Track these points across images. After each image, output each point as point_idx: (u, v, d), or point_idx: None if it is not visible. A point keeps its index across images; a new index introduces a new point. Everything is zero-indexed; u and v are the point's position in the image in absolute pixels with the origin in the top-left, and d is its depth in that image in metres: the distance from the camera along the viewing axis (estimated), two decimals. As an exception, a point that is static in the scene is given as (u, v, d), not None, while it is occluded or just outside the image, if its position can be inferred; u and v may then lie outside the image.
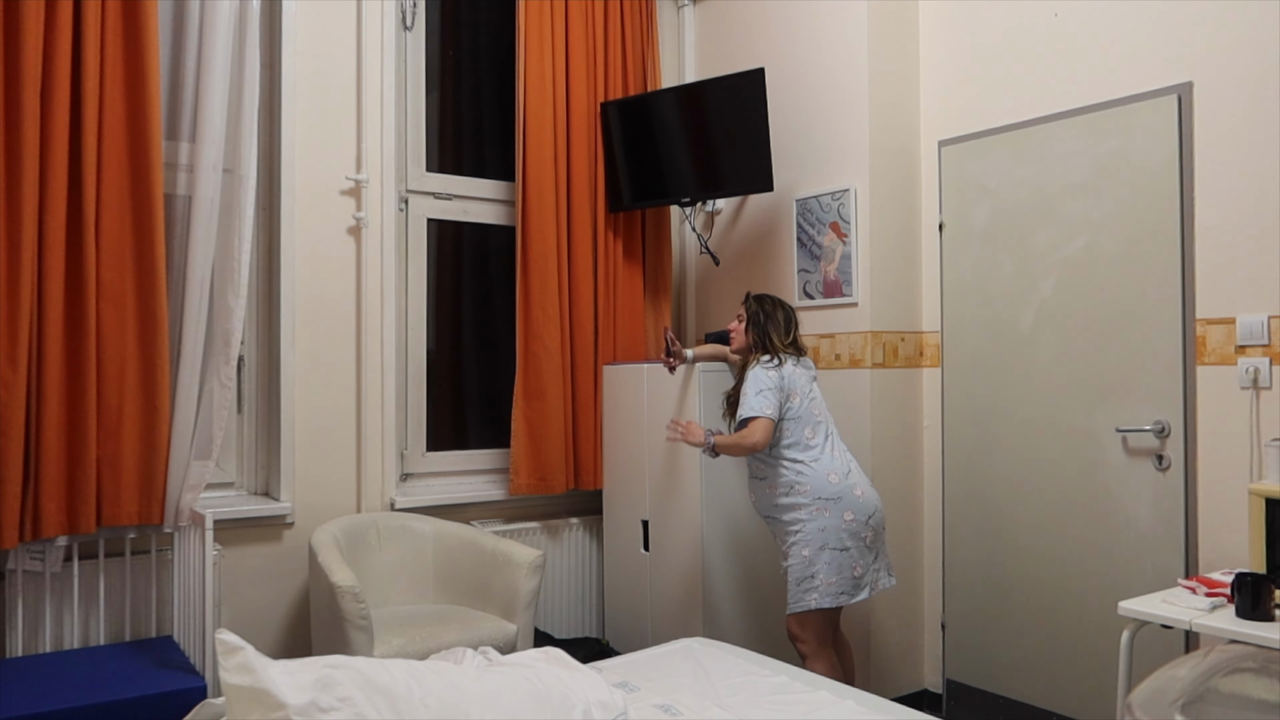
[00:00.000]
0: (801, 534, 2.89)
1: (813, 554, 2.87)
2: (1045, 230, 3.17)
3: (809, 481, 2.89)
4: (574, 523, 3.89)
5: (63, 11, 2.74)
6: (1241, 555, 2.64)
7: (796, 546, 2.90)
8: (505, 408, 3.78)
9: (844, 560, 2.87)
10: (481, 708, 1.85)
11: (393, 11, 3.57)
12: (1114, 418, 2.97)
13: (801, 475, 2.90)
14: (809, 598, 2.88)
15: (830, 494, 2.88)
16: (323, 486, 3.39)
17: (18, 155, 2.69)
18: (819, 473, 2.90)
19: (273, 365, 3.35)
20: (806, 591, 2.88)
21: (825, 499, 2.87)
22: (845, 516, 2.88)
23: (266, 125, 3.33)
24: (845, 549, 2.87)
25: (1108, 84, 3.01)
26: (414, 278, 3.70)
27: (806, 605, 2.88)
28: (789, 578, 2.93)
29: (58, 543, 2.82)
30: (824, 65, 3.63)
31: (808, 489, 2.88)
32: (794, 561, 2.90)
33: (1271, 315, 2.63)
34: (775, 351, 3.01)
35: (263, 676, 1.68)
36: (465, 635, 2.93)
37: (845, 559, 2.88)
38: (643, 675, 2.38)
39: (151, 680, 2.56)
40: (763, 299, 3.12)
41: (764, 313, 3.07)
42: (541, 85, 3.73)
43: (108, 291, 2.86)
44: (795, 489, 2.90)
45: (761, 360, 2.98)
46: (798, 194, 3.71)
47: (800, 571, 2.89)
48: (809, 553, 2.88)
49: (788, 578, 2.93)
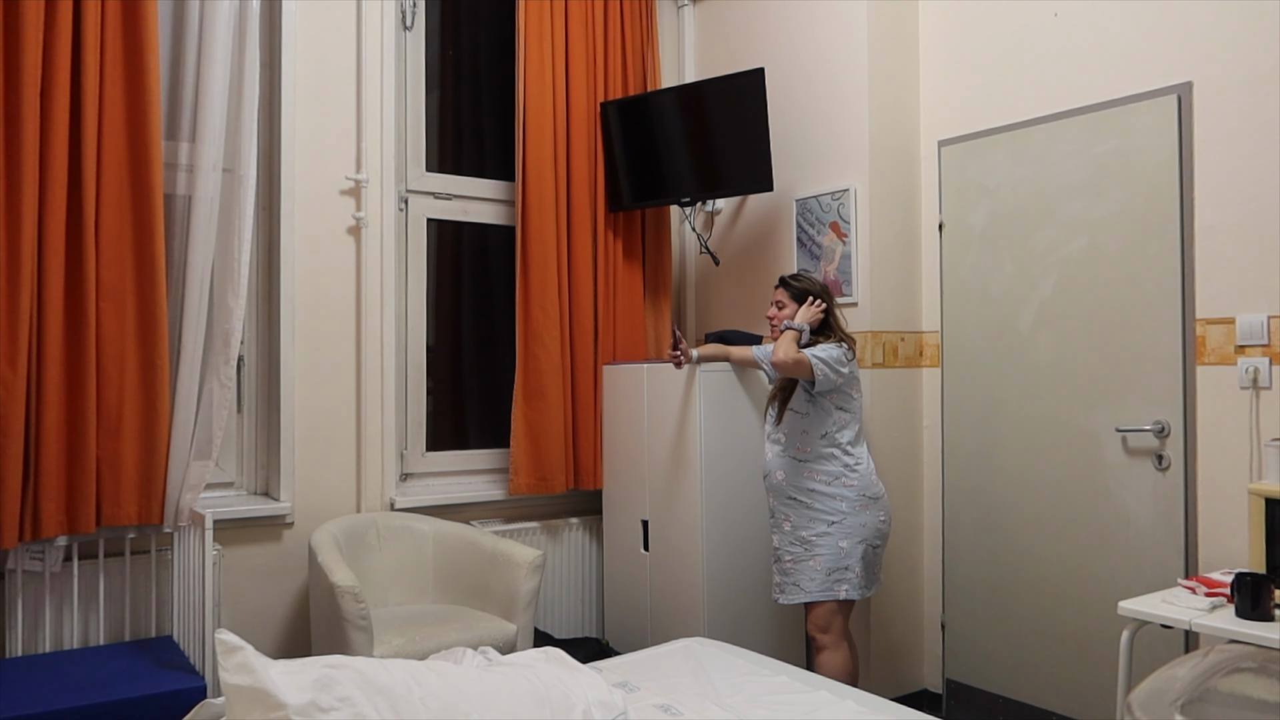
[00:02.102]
0: (841, 525, 2.92)
1: (851, 546, 2.92)
2: (1045, 230, 3.17)
3: (860, 478, 2.95)
4: (574, 523, 3.89)
5: (62, 11, 2.74)
6: (1241, 555, 2.64)
7: (832, 537, 2.92)
8: (505, 408, 3.78)
9: (875, 558, 2.99)
10: (481, 707, 1.85)
11: (393, 11, 3.57)
12: (1114, 418, 2.97)
13: (853, 470, 2.95)
14: (839, 588, 2.92)
15: (874, 493, 2.97)
16: (322, 486, 3.39)
17: (18, 155, 2.69)
18: (869, 471, 2.98)
19: (273, 365, 3.35)
20: (838, 582, 2.92)
21: (870, 497, 2.96)
22: (880, 517, 2.98)
23: (266, 125, 3.33)
24: (877, 547, 2.98)
25: (1107, 84, 3.01)
26: (414, 278, 3.70)
27: (835, 595, 2.92)
28: (817, 565, 2.91)
29: (57, 543, 2.82)
30: (824, 65, 3.63)
31: (856, 484, 2.94)
32: (827, 552, 2.91)
33: (1271, 315, 2.63)
34: (846, 338, 3.00)
35: (262, 676, 1.68)
36: (465, 635, 2.93)
37: (876, 556, 3.00)
38: (643, 675, 2.38)
39: (151, 680, 2.56)
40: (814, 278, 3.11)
41: (827, 292, 3.05)
42: (541, 85, 3.73)
43: (108, 291, 2.85)
44: (841, 480, 2.94)
45: (831, 342, 2.95)
46: (797, 194, 3.71)
47: (834, 561, 2.92)
48: (847, 545, 2.92)
49: (814, 565, 2.92)
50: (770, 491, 3.06)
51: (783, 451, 3.02)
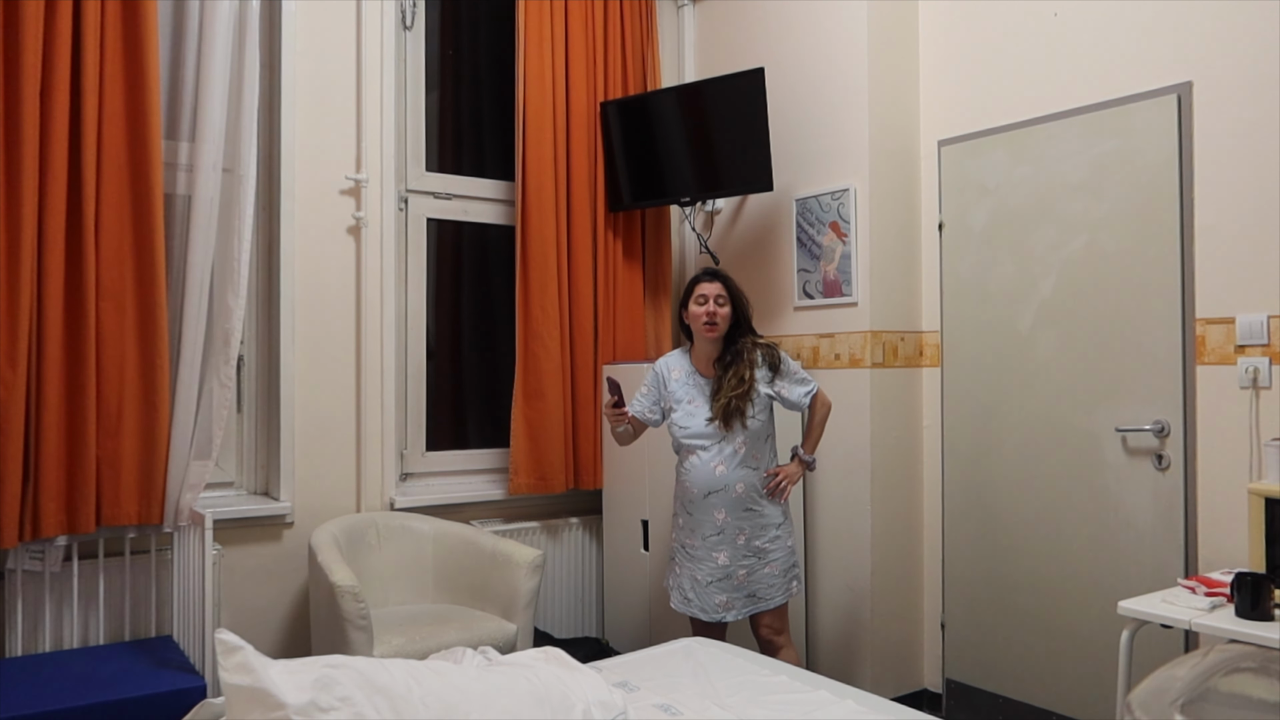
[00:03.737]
0: (786, 524, 2.98)
1: (794, 543, 3.02)
2: (1045, 230, 3.17)
3: None
4: (574, 522, 3.89)
5: (62, 11, 2.74)
6: (1241, 555, 2.64)
7: (782, 539, 2.96)
8: (505, 407, 3.78)
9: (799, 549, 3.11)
10: (481, 707, 1.85)
11: (392, 11, 3.57)
12: (1114, 417, 2.97)
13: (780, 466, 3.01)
14: (793, 585, 2.99)
15: None
16: (322, 486, 3.39)
17: (17, 155, 2.69)
18: None
19: (273, 365, 3.35)
20: (792, 580, 2.99)
21: None
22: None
23: (266, 125, 3.33)
24: None
25: (1107, 84, 3.01)
26: (414, 277, 3.70)
27: (790, 593, 2.98)
28: (774, 570, 2.93)
29: (57, 542, 2.82)
30: (824, 65, 3.63)
31: None
32: (780, 554, 2.95)
33: (1271, 315, 2.63)
34: (758, 337, 3.03)
35: (262, 676, 1.68)
36: (465, 635, 2.93)
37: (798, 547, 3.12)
38: (642, 675, 2.38)
39: (151, 680, 2.56)
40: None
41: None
42: (541, 85, 3.73)
43: (107, 291, 2.86)
44: None
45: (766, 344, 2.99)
46: (797, 194, 3.71)
47: (786, 561, 2.97)
48: (791, 543, 3.00)
49: (770, 570, 2.93)
50: (723, 507, 2.89)
51: (741, 463, 2.90)
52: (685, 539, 2.99)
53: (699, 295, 2.94)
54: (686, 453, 2.97)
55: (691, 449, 2.94)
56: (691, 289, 2.98)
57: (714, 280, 2.96)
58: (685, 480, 2.97)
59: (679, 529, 3.03)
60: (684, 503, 2.99)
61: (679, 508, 3.03)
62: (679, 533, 3.03)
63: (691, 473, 2.93)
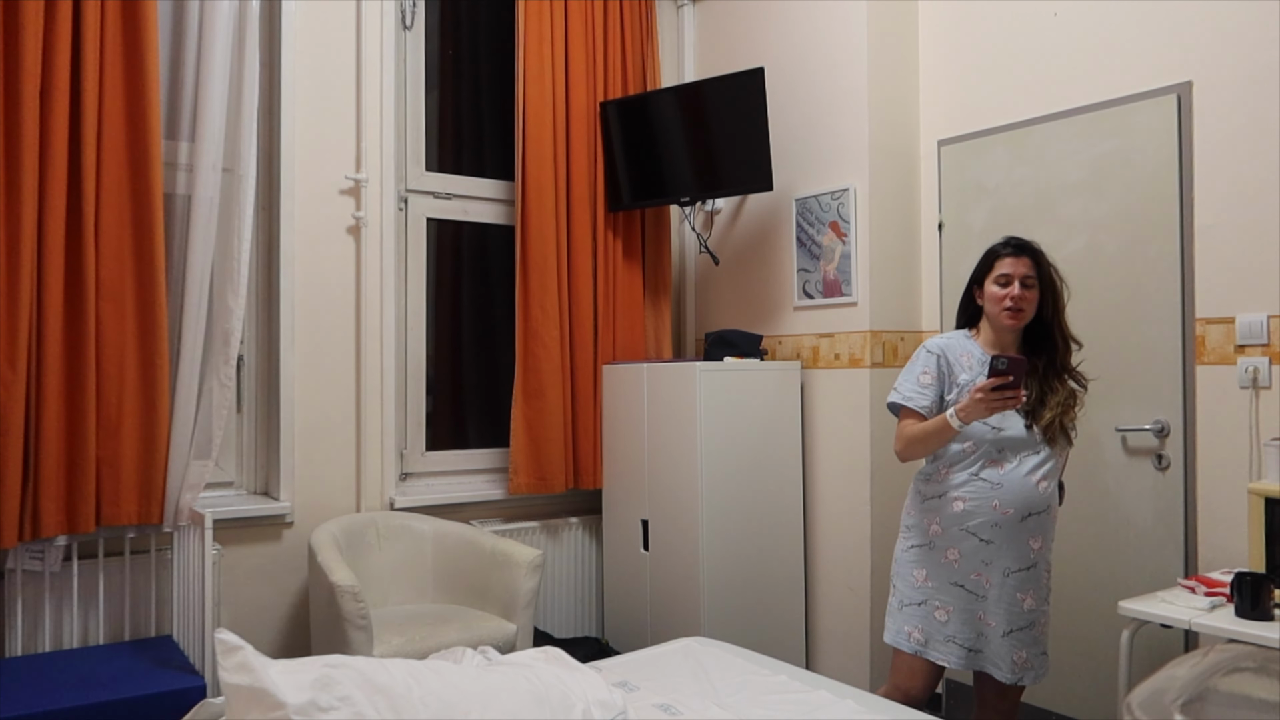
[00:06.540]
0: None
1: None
2: (1044, 230, 3.16)
3: None
4: (573, 522, 3.89)
5: (62, 11, 2.74)
6: (1241, 555, 2.64)
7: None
8: (505, 407, 3.78)
9: None
10: (481, 707, 1.85)
11: (392, 11, 3.57)
12: (1113, 417, 2.97)
13: None
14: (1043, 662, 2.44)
15: None
16: (322, 486, 3.39)
17: (17, 155, 2.69)
18: None
19: (272, 365, 3.35)
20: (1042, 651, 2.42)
21: None
22: None
23: (266, 125, 3.33)
24: None
25: (1107, 84, 3.01)
26: (413, 277, 3.70)
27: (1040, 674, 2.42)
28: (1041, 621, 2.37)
29: (57, 542, 2.82)
30: (824, 65, 3.63)
31: None
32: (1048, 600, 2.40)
33: (1271, 315, 2.63)
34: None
35: (262, 676, 1.68)
36: (465, 635, 2.93)
37: None
38: (642, 675, 2.38)
39: (151, 680, 2.56)
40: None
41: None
42: (541, 85, 3.73)
43: (107, 291, 2.85)
44: None
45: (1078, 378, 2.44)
46: (797, 193, 3.71)
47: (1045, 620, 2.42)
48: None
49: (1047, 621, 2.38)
50: (1039, 533, 2.33)
51: (1053, 469, 2.34)
52: (970, 573, 2.34)
53: (1000, 275, 2.36)
54: (989, 461, 2.34)
55: (1000, 459, 2.33)
56: (991, 263, 2.38)
57: (1021, 255, 2.36)
58: (981, 497, 2.33)
59: (945, 563, 2.36)
60: (971, 527, 2.34)
61: (952, 532, 2.36)
62: (945, 568, 2.36)
63: (1003, 487, 2.31)
